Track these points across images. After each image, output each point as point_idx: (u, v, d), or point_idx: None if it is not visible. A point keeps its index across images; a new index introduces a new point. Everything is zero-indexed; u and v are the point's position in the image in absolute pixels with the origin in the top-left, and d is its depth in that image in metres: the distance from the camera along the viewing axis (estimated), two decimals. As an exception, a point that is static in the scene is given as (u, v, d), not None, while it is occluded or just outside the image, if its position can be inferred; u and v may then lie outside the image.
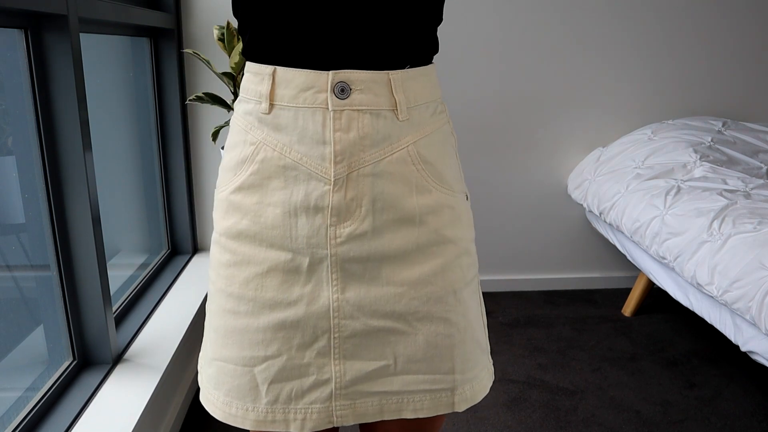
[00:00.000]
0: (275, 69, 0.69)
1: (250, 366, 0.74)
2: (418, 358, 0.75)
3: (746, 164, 2.10)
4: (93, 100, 1.45)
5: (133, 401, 1.29)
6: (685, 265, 1.69)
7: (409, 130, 0.71)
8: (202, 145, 2.27)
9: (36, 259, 1.32)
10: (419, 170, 0.72)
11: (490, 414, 1.72)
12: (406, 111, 0.70)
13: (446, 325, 0.75)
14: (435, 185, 0.73)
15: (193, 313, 1.75)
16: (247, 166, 0.71)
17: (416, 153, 0.71)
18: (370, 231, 0.70)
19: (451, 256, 0.75)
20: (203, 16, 2.13)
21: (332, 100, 0.66)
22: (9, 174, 1.26)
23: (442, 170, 0.74)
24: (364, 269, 0.72)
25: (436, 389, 0.76)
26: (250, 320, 0.73)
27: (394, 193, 0.70)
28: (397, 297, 0.73)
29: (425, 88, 0.73)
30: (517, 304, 2.48)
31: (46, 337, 1.36)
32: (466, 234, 0.78)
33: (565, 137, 2.46)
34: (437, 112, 0.75)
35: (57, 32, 1.22)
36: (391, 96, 0.69)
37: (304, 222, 0.70)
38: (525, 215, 2.54)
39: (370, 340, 0.74)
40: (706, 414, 1.73)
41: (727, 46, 2.42)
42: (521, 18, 2.30)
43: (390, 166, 0.69)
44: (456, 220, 0.76)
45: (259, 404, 0.75)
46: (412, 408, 0.76)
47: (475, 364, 0.79)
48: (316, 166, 0.68)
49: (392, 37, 0.69)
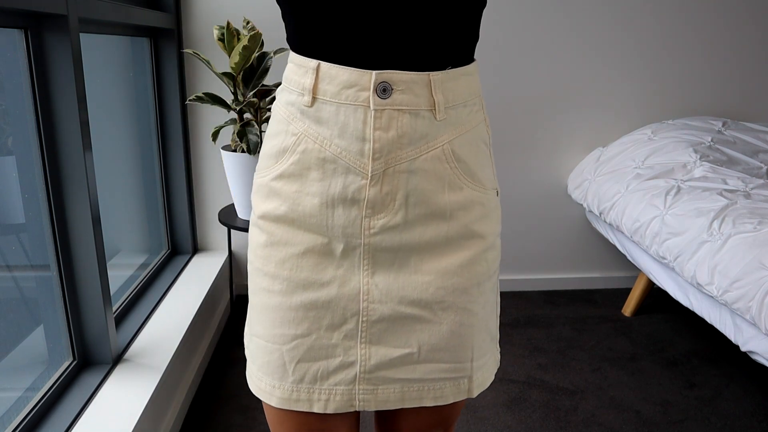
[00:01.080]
0: (319, 64, 0.70)
1: (279, 344, 0.76)
2: (441, 347, 0.77)
3: (746, 164, 2.10)
4: (93, 100, 1.45)
5: (133, 401, 1.29)
6: (685, 265, 1.69)
7: (445, 129, 0.73)
8: (202, 145, 2.27)
9: (36, 259, 1.32)
10: (452, 168, 0.74)
11: (490, 414, 1.72)
12: (444, 111, 0.72)
13: (468, 315, 0.78)
14: (467, 182, 0.76)
15: (193, 313, 1.75)
16: (288, 155, 0.74)
17: (451, 151, 0.73)
18: (402, 224, 0.73)
19: (479, 250, 0.78)
20: (203, 16, 2.13)
21: (374, 99, 0.68)
22: (9, 174, 1.26)
23: (474, 168, 0.76)
24: (395, 258, 0.74)
25: (456, 377, 0.80)
26: (284, 299, 0.76)
27: (427, 190, 0.73)
28: (424, 285, 0.75)
29: (465, 87, 0.74)
30: (517, 304, 2.48)
31: (46, 337, 1.36)
32: (494, 229, 0.80)
33: (565, 137, 2.46)
34: (475, 111, 0.77)
35: (57, 32, 1.22)
36: (430, 96, 0.70)
37: (340, 213, 0.72)
38: (525, 215, 2.54)
39: (397, 326, 0.76)
40: (706, 414, 1.73)
41: (727, 46, 2.42)
42: (521, 18, 2.30)
43: (425, 164, 0.72)
44: (485, 215, 0.78)
45: (285, 382, 0.77)
46: (432, 396, 0.79)
47: (485, 352, 0.83)
48: (354, 161, 0.70)
49: (434, 39, 0.70)
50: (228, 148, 1.88)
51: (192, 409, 1.73)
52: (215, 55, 2.14)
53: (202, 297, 1.87)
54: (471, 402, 1.77)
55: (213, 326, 2.07)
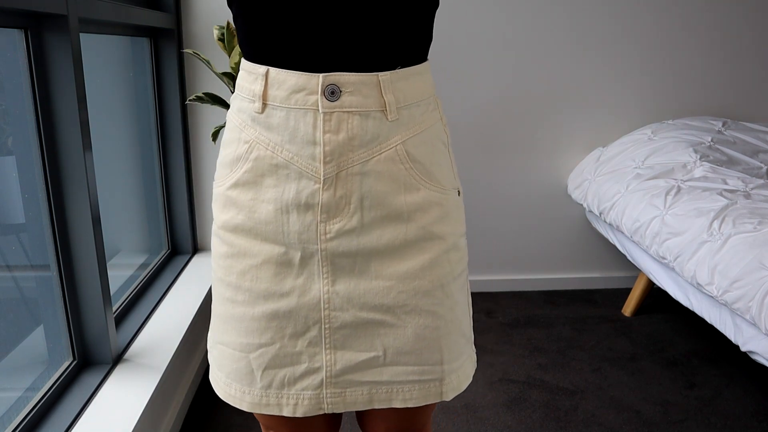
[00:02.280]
0: (268, 69, 0.70)
1: (246, 352, 0.78)
2: (407, 350, 0.77)
3: (746, 164, 2.10)
4: (93, 100, 1.45)
5: (133, 401, 1.29)
6: (685, 265, 1.69)
7: (398, 130, 0.72)
8: (202, 145, 2.27)
9: (36, 259, 1.32)
10: (407, 169, 0.73)
11: (490, 414, 1.72)
12: (396, 111, 0.71)
13: (434, 318, 0.77)
14: (424, 183, 0.75)
15: (193, 313, 1.75)
16: (242, 163, 0.74)
17: (405, 152, 0.73)
18: (358, 227, 0.72)
19: (439, 252, 0.77)
20: (203, 16, 2.13)
21: (323, 102, 0.68)
22: (9, 174, 1.26)
23: (431, 168, 0.76)
24: (354, 263, 0.74)
25: (425, 380, 0.79)
26: (247, 309, 0.76)
27: (382, 191, 0.72)
28: (385, 290, 0.75)
29: (417, 86, 0.74)
30: (517, 304, 2.48)
31: (46, 337, 1.36)
32: (455, 229, 0.79)
33: (565, 137, 2.46)
34: (429, 110, 0.76)
35: (57, 32, 1.22)
36: (380, 97, 0.70)
37: (295, 218, 0.72)
38: (525, 215, 2.54)
39: (360, 331, 0.76)
40: (706, 414, 1.73)
41: (727, 46, 2.42)
42: (521, 18, 2.30)
43: (378, 165, 0.71)
44: (445, 216, 0.77)
45: (254, 388, 0.78)
46: (401, 398, 0.79)
47: (460, 354, 0.82)
48: (306, 165, 0.70)
49: (381, 40, 0.70)
50: (228, 148, 1.87)
51: (192, 409, 1.73)
52: (215, 55, 2.14)
53: (202, 297, 1.87)
54: (471, 402, 1.77)
55: (213, 326, 2.07)
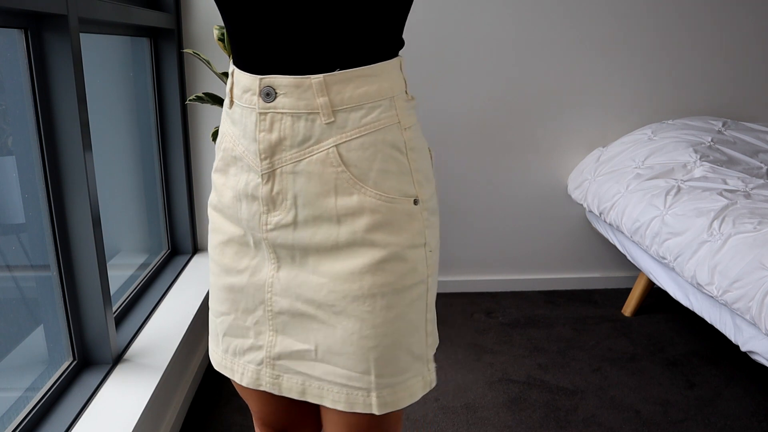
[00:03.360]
0: (234, 69, 0.77)
1: (215, 316, 0.87)
2: (336, 351, 0.78)
3: (746, 164, 2.10)
4: (93, 100, 1.45)
5: (133, 401, 1.29)
6: (685, 265, 1.69)
7: (332, 133, 0.72)
8: (202, 145, 2.27)
9: (36, 259, 1.32)
10: (339, 172, 0.73)
11: (490, 414, 1.72)
12: (331, 114, 0.72)
13: (362, 326, 0.76)
14: (358, 188, 0.74)
15: (193, 313, 1.75)
16: (219, 152, 0.82)
17: (337, 155, 0.72)
18: (293, 223, 0.76)
19: (373, 260, 0.75)
20: (203, 16, 2.13)
21: (259, 102, 0.72)
22: (9, 174, 1.26)
23: (368, 173, 0.73)
24: (293, 255, 0.78)
25: (351, 386, 0.79)
26: (215, 279, 0.86)
27: (313, 192, 0.74)
28: (318, 286, 0.77)
29: (362, 89, 0.72)
30: (517, 304, 2.48)
31: (46, 337, 1.36)
32: (399, 240, 0.75)
33: (565, 137, 2.46)
34: (378, 113, 0.73)
35: (57, 32, 1.22)
36: (314, 99, 0.71)
37: (245, 207, 0.78)
38: (525, 215, 2.54)
39: (296, 321, 0.80)
40: (706, 414, 1.73)
41: (727, 45, 2.42)
42: (521, 18, 2.30)
43: (309, 166, 0.73)
44: (384, 224, 0.75)
45: (218, 349, 0.88)
46: (331, 399, 0.80)
47: (401, 371, 0.79)
48: (252, 160, 0.75)
49: (314, 44, 0.71)
50: (228, 148, 1.88)
51: (192, 409, 1.73)
52: (215, 55, 2.14)
53: (202, 297, 1.87)
54: (471, 402, 1.77)
55: (213, 326, 2.07)
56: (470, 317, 2.35)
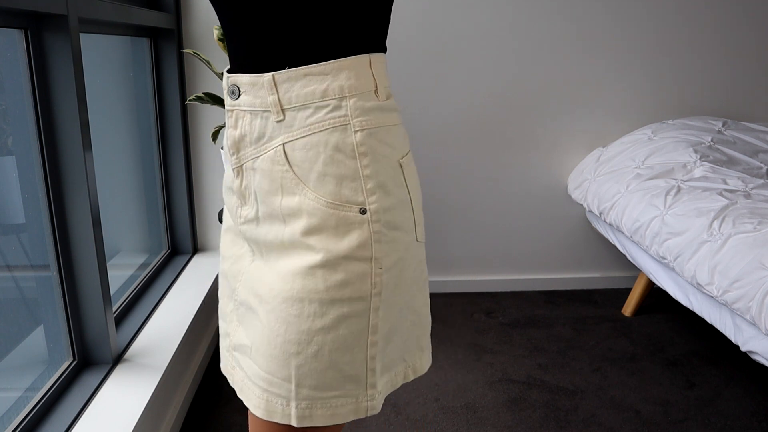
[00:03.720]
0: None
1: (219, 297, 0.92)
2: (262, 351, 0.76)
3: (746, 164, 2.10)
4: (93, 100, 1.45)
5: (133, 401, 1.29)
6: (685, 265, 1.69)
7: (282, 131, 0.73)
8: (202, 145, 2.27)
9: (36, 259, 1.32)
10: (284, 171, 0.73)
11: (490, 414, 1.72)
12: (281, 112, 0.72)
13: (288, 329, 0.73)
14: (300, 189, 0.73)
15: (193, 313, 1.75)
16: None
17: (283, 154, 0.73)
18: (254, 218, 0.78)
19: (306, 263, 0.73)
20: (203, 16, 2.13)
21: (227, 100, 0.76)
22: (9, 174, 1.26)
23: (311, 176, 0.72)
24: (260, 250, 0.79)
25: (272, 391, 0.75)
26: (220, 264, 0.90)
27: (265, 190, 0.75)
28: (268, 283, 0.76)
29: (310, 88, 0.71)
30: (517, 304, 2.48)
31: (46, 337, 1.36)
32: (335, 248, 0.72)
33: (565, 137, 2.46)
34: (324, 114, 0.71)
35: (57, 32, 1.22)
36: (267, 97, 0.73)
37: (229, 198, 0.83)
38: (525, 215, 2.54)
39: (248, 315, 0.80)
40: (706, 414, 1.73)
41: (727, 45, 2.42)
42: (521, 17, 2.30)
43: (263, 164, 0.74)
44: (321, 229, 0.72)
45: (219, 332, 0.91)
46: (254, 403, 0.77)
47: (325, 387, 0.75)
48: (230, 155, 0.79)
49: (265, 42, 0.72)
50: (228, 148, 1.88)
51: (192, 409, 1.73)
52: (215, 55, 2.14)
53: (202, 297, 1.87)
54: (471, 402, 1.77)
55: (213, 326, 2.07)
56: (470, 317, 2.35)
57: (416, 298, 0.82)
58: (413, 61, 2.31)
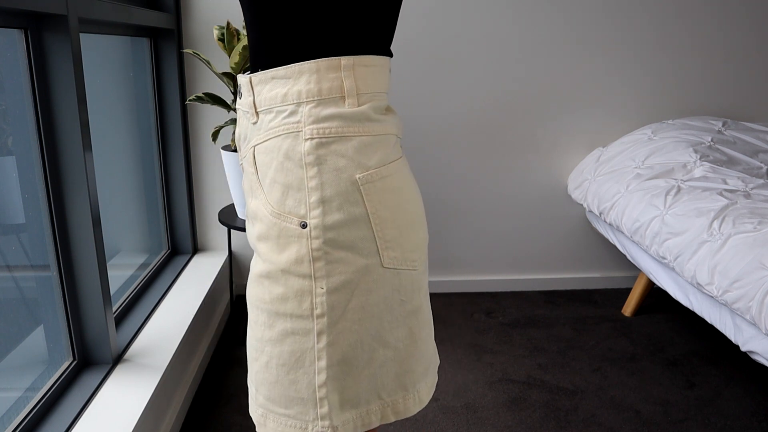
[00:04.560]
0: None
1: None
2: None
3: (746, 164, 2.10)
4: (93, 100, 1.45)
5: (133, 401, 1.29)
6: (685, 265, 1.69)
7: (254, 133, 0.74)
8: (202, 145, 2.26)
9: (36, 259, 1.32)
10: (252, 174, 0.74)
11: (490, 414, 1.72)
12: (255, 114, 0.73)
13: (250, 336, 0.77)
14: (258, 192, 0.73)
15: (193, 313, 1.75)
16: None
17: (253, 156, 0.74)
18: (247, 216, 0.80)
19: (257, 270, 0.73)
20: (203, 16, 2.13)
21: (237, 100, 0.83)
22: (9, 174, 1.26)
23: (264, 179, 0.71)
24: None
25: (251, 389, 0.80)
26: None
27: (245, 189, 0.78)
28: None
29: (273, 92, 0.70)
30: (517, 304, 2.48)
31: (46, 337, 1.36)
32: (277, 259, 0.69)
33: (565, 137, 2.46)
34: (281, 119, 0.69)
35: (57, 32, 1.22)
36: (247, 99, 0.75)
37: None
38: (525, 215, 2.54)
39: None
40: (706, 414, 1.73)
41: (727, 45, 2.42)
42: (521, 18, 2.30)
43: (245, 163, 0.77)
44: (267, 237, 0.71)
45: None
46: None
47: (278, 404, 0.73)
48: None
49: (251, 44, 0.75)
50: (228, 148, 1.88)
51: (192, 409, 1.73)
52: (215, 55, 2.14)
53: (202, 297, 1.87)
54: (471, 402, 1.77)
55: (213, 326, 2.07)
56: (470, 317, 2.35)
57: (391, 332, 0.73)
58: (413, 63, 2.31)
